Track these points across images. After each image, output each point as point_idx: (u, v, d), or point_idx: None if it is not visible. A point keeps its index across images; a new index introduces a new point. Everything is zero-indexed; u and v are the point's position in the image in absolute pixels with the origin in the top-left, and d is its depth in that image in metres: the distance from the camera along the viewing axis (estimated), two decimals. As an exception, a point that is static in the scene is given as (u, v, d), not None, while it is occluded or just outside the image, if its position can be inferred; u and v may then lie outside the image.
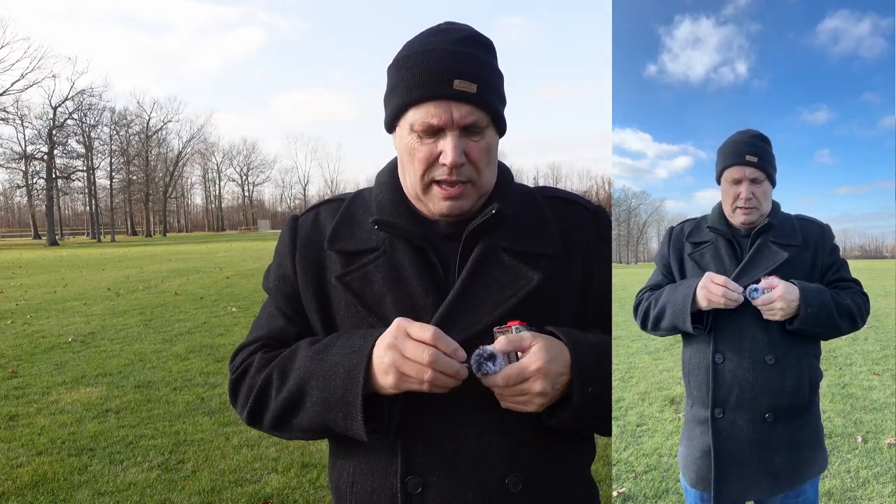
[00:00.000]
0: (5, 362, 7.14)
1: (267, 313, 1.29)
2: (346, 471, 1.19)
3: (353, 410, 1.04)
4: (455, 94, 1.09)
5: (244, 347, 1.27)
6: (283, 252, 1.26)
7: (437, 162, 1.11)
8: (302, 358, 1.13)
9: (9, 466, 4.20)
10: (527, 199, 1.24)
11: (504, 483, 1.10)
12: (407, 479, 1.11)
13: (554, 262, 1.17)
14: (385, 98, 1.21)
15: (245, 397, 1.19)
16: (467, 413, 1.10)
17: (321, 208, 1.29)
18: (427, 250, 1.15)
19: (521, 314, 1.11)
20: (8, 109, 52.14)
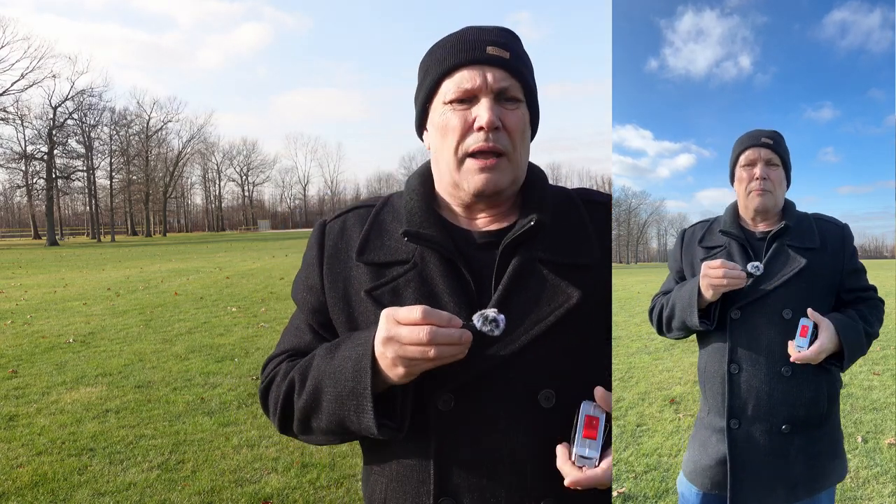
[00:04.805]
0: (5, 362, 7.13)
1: (294, 326, 1.27)
2: (380, 485, 1.17)
3: (363, 402, 1.02)
4: (489, 58, 1.09)
5: (273, 358, 1.26)
6: (311, 262, 1.23)
7: (471, 129, 1.09)
8: (317, 359, 1.12)
9: (9, 466, 4.19)
10: (564, 204, 1.19)
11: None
12: (440, 499, 1.09)
13: (592, 273, 1.14)
14: (415, 94, 1.20)
15: (274, 406, 1.18)
16: (503, 435, 1.08)
17: (349, 215, 1.24)
18: (459, 263, 1.11)
19: (560, 332, 1.08)
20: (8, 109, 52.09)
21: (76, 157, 60.81)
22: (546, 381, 1.08)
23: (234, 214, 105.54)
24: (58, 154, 57.67)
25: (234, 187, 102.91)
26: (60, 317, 10.41)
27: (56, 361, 7.16)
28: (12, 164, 57.00)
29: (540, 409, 1.07)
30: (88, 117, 60.82)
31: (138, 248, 40.49)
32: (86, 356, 7.41)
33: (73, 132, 59.64)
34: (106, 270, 20.53)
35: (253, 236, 64.28)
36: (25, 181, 57.87)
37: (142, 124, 73.69)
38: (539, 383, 1.08)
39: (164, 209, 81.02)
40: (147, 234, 75.30)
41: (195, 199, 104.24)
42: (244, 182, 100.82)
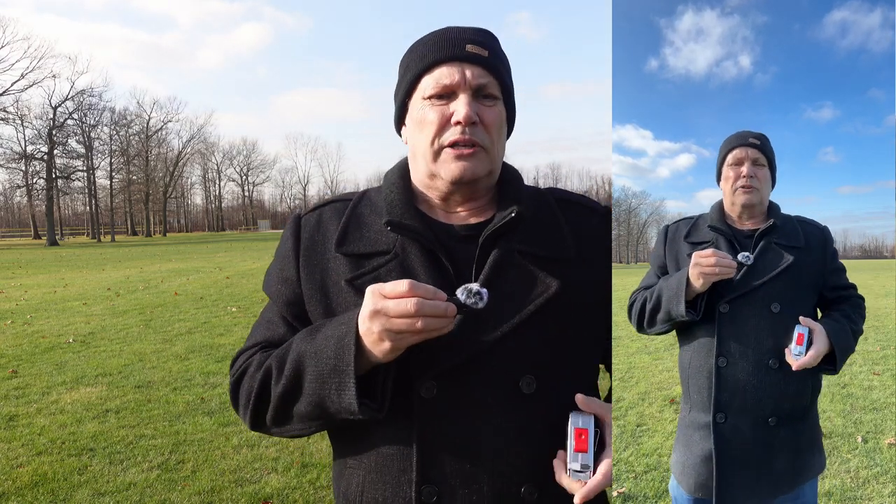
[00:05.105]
0: (5, 362, 7.13)
1: (267, 319, 1.25)
2: (356, 478, 1.16)
3: (345, 379, 1.01)
4: (468, 55, 1.12)
5: (244, 351, 1.24)
6: (286, 254, 1.22)
7: (448, 123, 1.11)
8: (296, 343, 1.11)
9: (9, 466, 4.20)
10: (539, 202, 1.22)
11: (520, 492, 1.09)
12: (422, 487, 1.08)
13: (570, 267, 1.16)
14: (395, 90, 1.21)
15: (246, 398, 1.16)
16: (486, 421, 1.09)
17: (325, 209, 1.25)
18: (440, 254, 1.13)
19: (539, 321, 1.10)
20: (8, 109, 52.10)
21: (76, 157, 60.85)
22: (527, 368, 1.10)
23: (234, 214, 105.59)
24: (58, 154, 57.71)
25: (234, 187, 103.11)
26: (60, 317, 10.41)
27: (56, 361, 7.16)
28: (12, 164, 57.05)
29: (521, 395, 1.09)
30: (88, 117, 60.92)
31: (138, 248, 40.49)
32: (86, 356, 7.41)
33: (73, 132, 59.70)
34: (106, 270, 20.53)
35: (253, 236, 64.30)
36: (25, 181, 57.89)
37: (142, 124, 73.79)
38: (520, 370, 1.10)
39: (164, 209, 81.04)
40: (147, 234, 75.31)
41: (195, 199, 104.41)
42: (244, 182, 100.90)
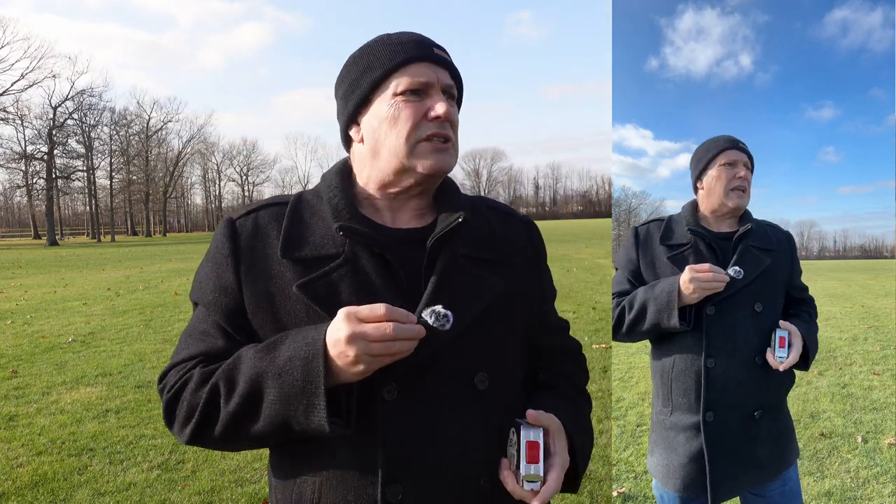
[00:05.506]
0: (5, 362, 7.13)
1: (200, 330, 1.18)
2: (309, 486, 1.13)
3: (315, 400, 1.00)
4: (437, 57, 1.17)
5: (175, 366, 1.17)
6: (222, 261, 1.16)
7: (424, 119, 1.14)
8: (249, 361, 1.07)
9: (9, 466, 4.20)
10: (475, 209, 1.26)
11: (479, 483, 1.12)
12: (388, 488, 1.08)
13: (508, 270, 1.22)
14: (346, 91, 1.21)
15: (186, 416, 1.11)
16: (446, 418, 1.11)
17: (260, 213, 1.20)
18: (390, 258, 1.13)
19: (487, 321, 1.16)
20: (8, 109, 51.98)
21: (76, 157, 60.74)
22: (480, 366, 1.15)
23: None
24: (58, 154, 57.61)
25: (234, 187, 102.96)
26: (60, 317, 10.42)
27: (56, 361, 7.16)
28: (12, 164, 56.92)
29: (476, 391, 1.14)
30: (88, 117, 60.76)
31: (138, 248, 40.48)
32: (86, 356, 7.41)
33: (73, 132, 59.55)
34: (106, 270, 20.53)
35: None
36: (25, 181, 57.80)
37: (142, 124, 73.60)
38: (474, 367, 1.14)
39: (164, 209, 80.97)
40: (147, 234, 75.28)
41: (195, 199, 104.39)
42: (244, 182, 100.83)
